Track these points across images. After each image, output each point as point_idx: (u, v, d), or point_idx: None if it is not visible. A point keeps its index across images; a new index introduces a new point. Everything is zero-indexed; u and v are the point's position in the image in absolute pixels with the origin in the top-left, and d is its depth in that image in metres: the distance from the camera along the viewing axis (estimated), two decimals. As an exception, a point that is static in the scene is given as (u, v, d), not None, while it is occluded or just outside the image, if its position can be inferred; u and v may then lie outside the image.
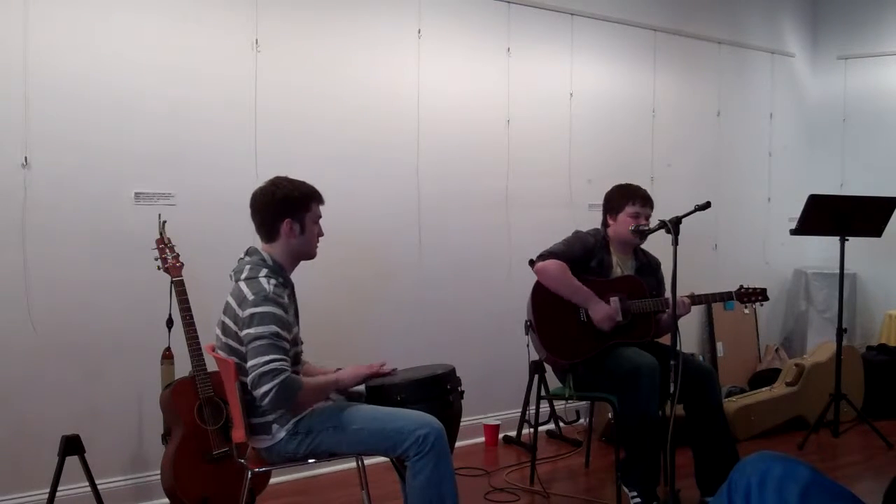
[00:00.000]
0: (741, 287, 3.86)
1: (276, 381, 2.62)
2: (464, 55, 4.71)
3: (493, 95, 4.83)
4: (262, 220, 2.87)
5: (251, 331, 2.67)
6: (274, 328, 2.68)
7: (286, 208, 2.84)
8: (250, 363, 2.66)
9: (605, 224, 3.90)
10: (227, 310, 2.79)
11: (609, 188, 3.95)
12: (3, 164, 3.37)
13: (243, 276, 2.78)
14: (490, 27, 4.80)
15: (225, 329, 2.79)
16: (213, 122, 3.85)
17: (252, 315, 2.68)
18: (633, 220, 3.76)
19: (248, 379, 2.66)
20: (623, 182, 3.96)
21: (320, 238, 2.95)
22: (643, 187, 3.89)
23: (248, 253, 2.90)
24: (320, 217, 2.94)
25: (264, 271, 2.78)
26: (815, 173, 6.53)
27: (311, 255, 2.95)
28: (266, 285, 2.73)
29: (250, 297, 2.70)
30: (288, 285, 2.86)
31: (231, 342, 2.77)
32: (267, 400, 2.64)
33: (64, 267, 3.49)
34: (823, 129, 6.69)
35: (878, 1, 6.46)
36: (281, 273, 2.84)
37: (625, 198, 3.81)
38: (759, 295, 3.83)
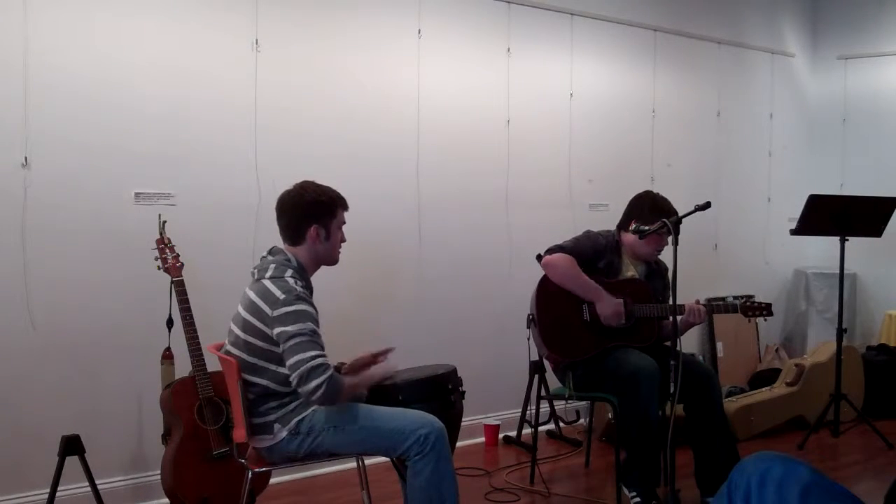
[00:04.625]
0: (746, 300, 3.82)
1: (326, 375, 2.63)
2: (464, 55, 4.71)
3: (493, 95, 4.83)
4: (289, 223, 2.88)
5: (288, 328, 2.67)
6: (311, 325, 2.69)
7: (314, 213, 2.86)
8: (294, 359, 2.65)
9: (622, 227, 3.81)
10: (251, 307, 2.77)
11: (640, 192, 3.83)
12: (3, 164, 3.37)
13: (268, 274, 2.78)
14: (490, 27, 4.80)
15: (246, 326, 2.77)
16: (213, 122, 3.85)
17: (287, 313, 2.68)
18: (659, 241, 3.69)
19: (295, 374, 2.65)
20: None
21: (343, 244, 2.96)
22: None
23: (271, 252, 2.90)
24: (344, 223, 2.95)
25: (290, 272, 2.79)
26: (815, 173, 6.53)
27: (333, 260, 2.96)
28: (294, 285, 2.74)
29: (281, 296, 2.70)
30: (309, 289, 2.87)
31: (252, 339, 2.75)
32: (318, 394, 2.63)
33: (64, 267, 3.49)
34: (823, 129, 6.69)
35: (878, 1, 6.46)
36: (304, 276, 2.86)
37: (657, 213, 3.61)
38: (764, 310, 3.74)
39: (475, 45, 4.75)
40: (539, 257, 3.75)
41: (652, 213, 3.66)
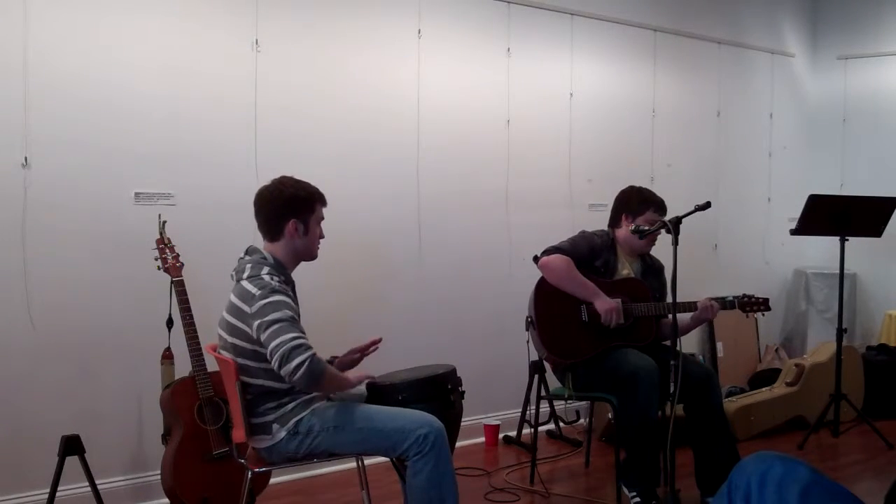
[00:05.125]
0: (744, 295, 3.83)
1: (307, 354, 2.61)
2: (464, 55, 4.71)
3: (493, 95, 4.83)
4: (267, 218, 2.88)
5: (265, 318, 2.66)
6: (288, 312, 2.69)
7: (292, 208, 2.86)
8: (274, 343, 2.62)
9: (613, 225, 3.87)
10: (232, 309, 2.78)
11: (623, 188, 3.90)
12: (3, 164, 3.37)
13: (245, 275, 2.79)
14: (490, 27, 4.80)
15: (231, 329, 2.78)
16: (214, 122, 3.85)
17: (264, 305, 2.68)
18: (653, 235, 3.70)
19: (276, 357, 2.61)
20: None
21: (321, 240, 2.96)
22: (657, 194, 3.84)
23: (248, 252, 2.91)
24: (323, 219, 2.95)
25: (266, 269, 2.79)
26: (815, 173, 6.53)
27: (312, 256, 2.96)
28: (270, 280, 2.75)
29: (257, 292, 2.71)
30: (289, 283, 2.87)
31: (238, 342, 2.76)
32: (299, 374, 2.59)
33: (64, 267, 3.49)
34: (823, 129, 6.69)
35: (878, 1, 6.46)
36: (283, 271, 2.85)
37: (645, 203, 3.76)
38: (762, 305, 3.78)
39: (475, 45, 4.75)
40: (536, 259, 3.75)
41: (640, 204, 3.77)
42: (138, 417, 3.68)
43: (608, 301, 3.64)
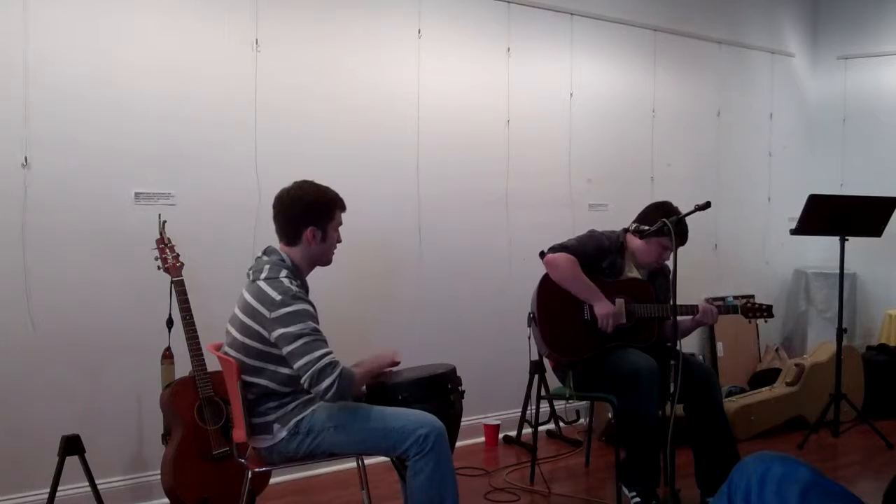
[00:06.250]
0: (747, 301, 3.83)
1: (336, 373, 2.65)
2: (464, 55, 4.71)
3: (493, 95, 4.83)
4: (286, 222, 2.89)
5: (289, 330, 2.67)
6: (311, 324, 2.71)
7: (311, 215, 2.87)
8: (302, 361, 2.66)
9: (629, 230, 3.76)
10: (247, 309, 2.77)
11: (662, 201, 3.76)
12: (3, 164, 3.37)
13: (263, 275, 2.78)
14: (490, 27, 4.80)
15: (244, 328, 2.77)
16: (214, 122, 3.85)
17: (286, 314, 2.69)
18: (661, 250, 3.70)
19: (305, 377, 2.66)
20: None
21: (338, 244, 2.97)
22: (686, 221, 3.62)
23: (265, 252, 2.90)
24: (341, 224, 2.96)
25: (284, 272, 2.79)
26: (815, 173, 6.53)
27: (327, 261, 2.97)
28: (289, 285, 2.75)
29: (277, 297, 2.71)
30: (304, 288, 2.87)
31: (249, 341, 2.76)
32: (330, 394, 2.65)
33: (64, 267, 3.49)
34: (823, 129, 6.69)
35: (878, 1, 6.46)
36: (299, 275, 2.86)
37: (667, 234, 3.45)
38: (764, 311, 3.77)
39: (475, 45, 4.75)
40: (542, 254, 3.75)
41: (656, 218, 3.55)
42: (138, 417, 3.68)
43: (607, 305, 3.64)
